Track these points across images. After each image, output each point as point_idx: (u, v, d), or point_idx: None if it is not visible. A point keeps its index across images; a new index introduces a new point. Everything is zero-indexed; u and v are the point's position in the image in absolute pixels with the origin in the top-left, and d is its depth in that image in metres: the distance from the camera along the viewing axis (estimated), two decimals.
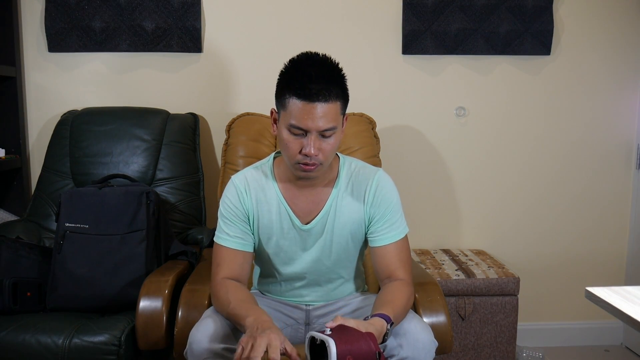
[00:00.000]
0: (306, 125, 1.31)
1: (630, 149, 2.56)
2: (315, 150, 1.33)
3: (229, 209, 1.48)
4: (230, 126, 2.11)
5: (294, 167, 1.39)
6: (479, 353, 2.17)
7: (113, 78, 2.38)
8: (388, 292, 1.40)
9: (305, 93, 1.30)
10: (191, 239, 2.11)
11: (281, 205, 1.48)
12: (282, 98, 1.35)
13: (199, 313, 1.50)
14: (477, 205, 2.55)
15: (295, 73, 1.34)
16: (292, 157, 1.37)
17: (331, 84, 1.33)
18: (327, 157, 1.37)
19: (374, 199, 1.48)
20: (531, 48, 2.43)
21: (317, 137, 1.33)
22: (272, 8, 2.38)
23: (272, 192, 1.49)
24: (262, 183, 1.50)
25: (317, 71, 1.32)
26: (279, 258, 1.52)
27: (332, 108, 1.33)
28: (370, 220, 1.49)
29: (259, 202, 1.48)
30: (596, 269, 2.60)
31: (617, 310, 1.16)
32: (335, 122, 1.34)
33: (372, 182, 1.49)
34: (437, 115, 2.49)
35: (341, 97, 1.36)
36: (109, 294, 1.75)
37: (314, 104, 1.30)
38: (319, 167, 1.37)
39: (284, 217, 1.48)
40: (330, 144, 1.36)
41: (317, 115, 1.31)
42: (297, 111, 1.31)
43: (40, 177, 2.19)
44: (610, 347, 2.61)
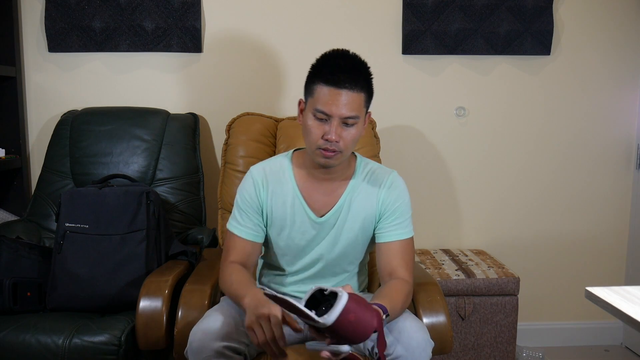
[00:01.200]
0: (330, 110, 1.39)
1: (630, 148, 2.56)
2: (336, 136, 1.39)
3: (244, 200, 1.54)
4: (230, 126, 2.11)
5: (314, 154, 1.45)
6: (479, 353, 2.18)
7: (113, 78, 2.38)
8: (387, 287, 1.43)
9: (334, 79, 1.38)
10: (191, 239, 2.11)
11: (297, 198, 1.53)
12: (310, 85, 1.44)
13: (199, 313, 1.50)
14: (477, 205, 2.55)
15: (325, 62, 1.43)
16: (314, 143, 1.42)
17: (358, 75, 1.41)
18: (347, 145, 1.43)
19: (387, 197, 1.53)
20: (531, 48, 2.43)
21: (340, 124, 1.40)
22: (272, 8, 2.38)
23: (288, 185, 1.54)
24: (280, 176, 1.55)
25: (346, 62, 1.41)
26: (289, 250, 1.56)
27: (356, 98, 1.40)
28: (380, 217, 1.53)
29: (274, 195, 1.53)
30: (596, 269, 2.61)
31: (617, 310, 1.16)
32: (358, 111, 1.41)
33: (386, 180, 1.55)
34: (437, 115, 2.49)
35: (366, 90, 1.43)
36: (109, 294, 1.75)
37: (340, 90, 1.38)
38: (338, 154, 1.43)
39: (299, 210, 1.53)
40: (351, 134, 1.42)
41: (341, 102, 1.38)
42: (324, 96, 1.39)
43: (40, 177, 2.19)
44: (610, 347, 2.61)
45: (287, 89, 2.42)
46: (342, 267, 1.60)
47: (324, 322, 1.10)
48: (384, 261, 1.51)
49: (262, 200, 1.53)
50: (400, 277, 1.47)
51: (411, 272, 1.51)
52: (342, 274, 1.61)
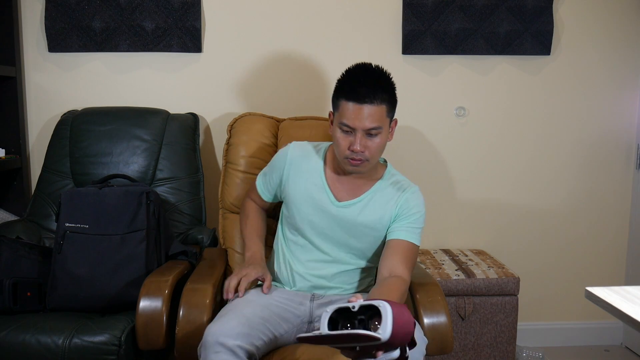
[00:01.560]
0: (354, 124, 1.51)
1: (630, 149, 2.56)
2: (361, 147, 1.51)
3: (274, 163, 1.76)
4: (231, 126, 2.11)
5: (343, 162, 1.58)
6: (479, 353, 2.17)
7: (113, 78, 2.38)
8: (384, 286, 1.47)
9: (354, 96, 1.50)
10: (191, 239, 2.10)
11: (322, 181, 1.66)
12: (336, 101, 1.57)
13: (200, 312, 1.50)
14: (477, 205, 2.55)
15: (347, 79, 1.56)
16: (342, 153, 1.56)
17: (378, 88, 1.51)
18: (373, 154, 1.55)
19: (405, 203, 1.62)
20: (531, 48, 2.43)
21: (364, 135, 1.52)
22: (272, 8, 2.38)
23: (317, 169, 1.68)
24: (313, 157, 1.70)
25: (366, 77, 1.53)
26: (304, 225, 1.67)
27: (377, 110, 1.51)
28: (395, 218, 1.62)
29: (302, 172, 1.68)
30: (596, 269, 2.61)
31: (617, 310, 1.16)
32: (380, 122, 1.52)
33: (409, 189, 1.65)
34: (437, 115, 2.49)
35: (387, 101, 1.53)
36: (109, 294, 1.75)
37: (362, 105, 1.49)
38: (365, 163, 1.56)
39: (322, 191, 1.65)
40: (376, 143, 1.54)
41: (363, 116, 1.50)
42: (347, 111, 1.51)
43: (40, 177, 2.19)
44: (610, 347, 2.61)
45: (287, 89, 2.42)
46: (351, 257, 1.66)
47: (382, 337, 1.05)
48: (386, 255, 1.56)
49: (284, 172, 1.70)
50: (399, 275, 1.50)
51: (410, 272, 1.55)
52: (349, 264, 1.66)
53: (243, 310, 1.46)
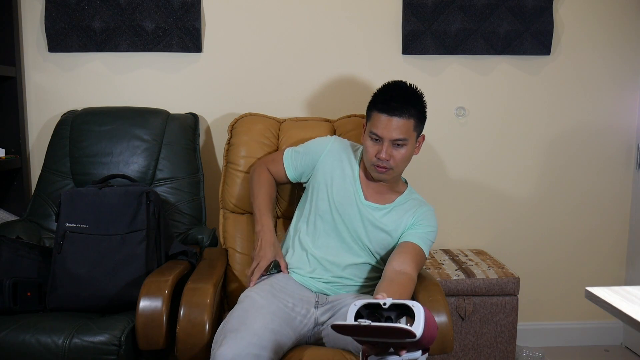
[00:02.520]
0: (382, 134, 1.64)
1: (630, 149, 2.56)
2: (387, 155, 1.64)
3: (310, 146, 1.84)
4: (232, 126, 2.11)
5: (370, 169, 1.70)
6: (479, 353, 2.17)
7: (113, 78, 2.38)
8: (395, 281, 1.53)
9: (386, 107, 1.64)
10: (191, 239, 2.10)
11: (355, 177, 1.76)
12: (369, 112, 1.71)
13: (201, 312, 1.50)
14: (477, 205, 2.55)
15: (381, 93, 1.70)
16: (369, 160, 1.68)
17: (408, 103, 1.64)
18: (398, 164, 1.67)
19: (421, 216, 1.73)
20: (531, 48, 2.43)
21: (390, 145, 1.64)
22: (272, 8, 2.38)
23: (353, 165, 1.78)
24: (351, 155, 1.80)
25: (398, 92, 1.66)
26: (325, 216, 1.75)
27: (405, 123, 1.64)
28: (408, 228, 1.72)
29: (335, 166, 1.77)
30: (596, 269, 2.61)
31: (617, 310, 1.16)
32: (407, 135, 1.64)
33: (425, 207, 1.77)
34: (437, 115, 2.48)
35: (415, 117, 1.66)
36: (109, 294, 1.75)
37: (391, 117, 1.63)
38: (390, 171, 1.68)
39: (353, 185, 1.75)
40: (401, 153, 1.66)
41: (392, 127, 1.63)
42: (378, 122, 1.65)
43: (40, 177, 2.19)
44: (610, 347, 2.61)
45: (287, 89, 2.42)
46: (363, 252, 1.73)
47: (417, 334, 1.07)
48: (397, 252, 1.65)
49: (318, 163, 1.79)
50: (408, 272, 1.57)
51: (417, 272, 1.63)
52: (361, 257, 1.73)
53: (253, 325, 1.46)
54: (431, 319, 1.13)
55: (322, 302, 1.66)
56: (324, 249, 1.74)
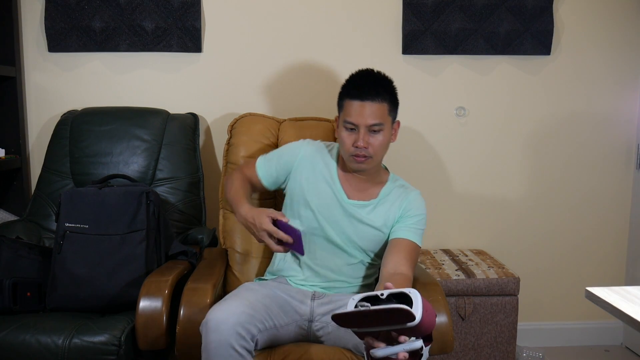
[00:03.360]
0: (356, 121, 1.59)
1: (630, 149, 2.56)
2: (364, 142, 1.58)
3: (282, 153, 1.78)
4: (232, 126, 2.11)
5: (348, 160, 1.65)
6: (479, 353, 2.17)
7: (113, 78, 2.38)
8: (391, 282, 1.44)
9: (357, 93, 1.60)
10: (191, 239, 2.10)
11: (334, 178, 1.71)
12: (340, 102, 1.66)
13: (201, 312, 1.50)
14: (477, 205, 2.55)
15: (351, 81, 1.67)
16: (347, 151, 1.63)
17: (379, 87, 1.61)
18: (376, 151, 1.62)
19: (409, 205, 1.69)
20: (531, 48, 2.43)
21: (367, 132, 1.59)
22: (272, 8, 2.38)
23: (330, 166, 1.73)
24: (326, 155, 1.75)
25: (368, 78, 1.64)
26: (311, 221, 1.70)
27: (379, 107, 1.60)
28: (399, 219, 1.68)
29: (315, 168, 1.72)
30: (596, 269, 2.60)
31: (617, 310, 1.16)
32: (382, 119, 1.60)
33: (412, 194, 1.72)
34: (437, 115, 2.49)
35: (388, 100, 1.62)
36: (109, 294, 1.75)
37: (364, 102, 1.59)
38: (369, 160, 1.62)
39: (333, 186, 1.70)
40: (379, 140, 1.61)
41: (366, 112, 1.59)
42: (351, 109, 1.60)
43: (40, 177, 2.19)
44: (610, 347, 2.61)
45: (287, 89, 2.42)
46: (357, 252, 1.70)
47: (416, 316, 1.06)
48: (390, 252, 1.61)
49: (294, 165, 1.73)
50: (403, 272, 1.54)
51: (413, 270, 1.60)
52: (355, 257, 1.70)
53: (246, 295, 1.52)
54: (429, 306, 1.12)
55: (319, 296, 1.67)
56: (315, 256, 1.70)
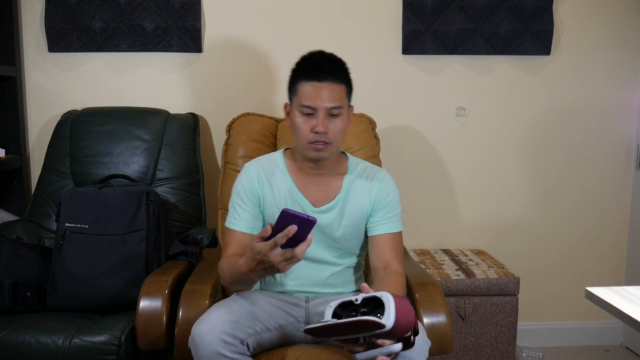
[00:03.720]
0: (315, 104, 1.47)
1: (630, 149, 2.56)
2: (324, 127, 1.47)
3: (240, 193, 1.59)
4: (230, 126, 2.11)
5: (306, 149, 1.52)
6: (479, 353, 2.17)
7: (113, 78, 2.38)
8: (386, 283, 1.47)
9: (314, 74, 1.48)
10: (191, 239, 2.11)
11: (292, 189, 1.58)
12: (294, 85, 1.53)
13: (200, 313, 1.50)
14: (477, 205, 2.55)
15: (305, 62, 1.54)
16: (304, 138, 1.50)
17: (337, 67, 1.52)
18: (335, 137, 1.50)
19: (379, 191, 1.60)
20: (531, 48, 2.43)
21: (326, 116, 1.48)
22: (272, 8, 2.38)
23: (284, 179, 1.59)
24: (275, 169, 1.61)
25: (324, 58, 1.53)
26: None
27: (338, 89, 1.49)
28: (373, 211, 1.59)
29: (272, 185, 1.58)
30: (596, 269, 2.60)
31: (617, 310, 1.16)
32: (341, 102, 1.50)
33: (378, 177, 1.62)
34: (437, 115, 2.49)
35: (345, 82, 1.53)
36: (109, 294, 1.75)
37: (322, 83, 1.47)
38: (328, 146, 1.50)
39: (294, 200, 1.57)
40: (338, 125, 1.50)
41: (324, 95, 1.47)
42: (307, 92, 1.48)
43: (40, 177, 2.19)
44: (610, 347, 2.61)
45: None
46: (339, 259, 1.61)
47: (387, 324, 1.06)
48: (377, 253, 1.56)
49: (259, 191, 1.58)
50: (395, 270, 1.51)
51: (403, 263, 1.57)
52: (337, 266, 1.62)
53: (228, 304, 1.46)
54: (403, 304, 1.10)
55: (313, 299, 1.61)
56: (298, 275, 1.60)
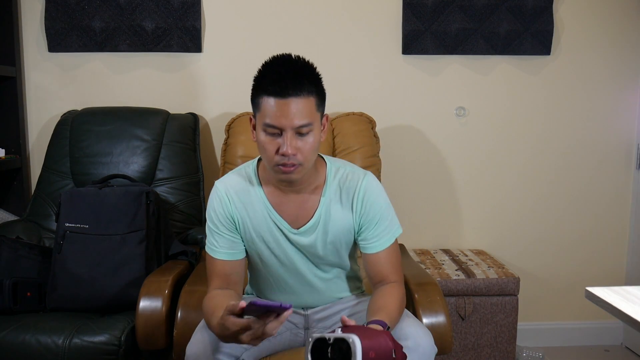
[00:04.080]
0: (280, 123, 1.27)
1: (630, 149, 2.56)
2: (292, 149, 1.28)
3: (214, 220, 1.43)
4: (229, 126, 2.11)
5: (274, 170, 1.34)
6: (479, 353, 2.17)
7: (113, 78, 2.38)
8: (380, 297, 1.40)
9: (276, 89, 1.27)
10: (191, 239, 2.11)
11: (267, 209, 1.43)
12: (256, 99, 1.33)
13: (199, 314, 1.50)
14: (477, 205, 2.55)
15: (266, 72, 1.32)
16: (270, 160, 1.32)
17: (302, 78, 1.29)
18: (307, 157, 1.32)
19: (362, 207, 1.43)
20: (531, 48, 2.43)
21: (294, 135, 1.29)
22: (272, 8, 2.38)
23: (257, 197, 1.43)
24: (247, 187, 1.44)
25: (288, 68, 1.30)
26: (271, 261, 1.47)
27: (306, 103, 1.29)
28: (360, 227, 1.45)
29: (246, 206, 1.43)
30: (596, 269, 2.60)
31: (617, 310, 1.16)
32: (310, 118, 1.30)
33: (359, 189, 1.43)
34: (437, 115, 2.49)
35: (315, 93, 1.32)
36: (109, 294, 1.75)
37: (287, 99, 1.27)
38: (299, 167, 1.32)
39: (272, 222, 1.43)
40: (309, 143, 1.31)
41: (290, 112, 1.27)
42: (270, 109, 1.28)
43: (40, 177, 2.19)
44: (610, 347, 2.61)
45: None
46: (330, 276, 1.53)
47: None
48: (373, 270, 1.46)
49: (233, 213, 1.42)
50: (392, 281, 1.44)
51: (400, 272, 1.47)
52: (331, 280, 1.53)
53: None
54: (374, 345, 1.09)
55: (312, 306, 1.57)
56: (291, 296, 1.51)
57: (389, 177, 2.32)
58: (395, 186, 2.40)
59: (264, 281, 1.54)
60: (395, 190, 2.33)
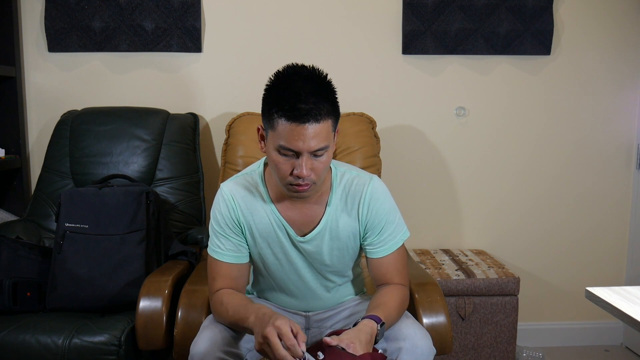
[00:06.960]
0: (297, 147, 1.25)
1: (630, 149, 2.56)
2: (307, 171, 1.27)
3: (220, 222, 1.43)
4: (230, 126, 2.11)
5: (286, 188, 1.33)
6: (479, 353, 2.17)
7: (113, 78, 2.38)
8: (381, 295, 1.41)
9: (295, 114, 1.23)
10: (191, 239, 2.11)
11: (274, 216, 1.43)
12: (269, 117, 1.29)
13: (199, 313, 1.50)
14: (478, 205, 2.55)
15: (282, 91, 1.27)
16: (283, 179, 1.31)
17: (321, 101, 1.25)
18: (320, 175, 1.32)
19: (368, 214, 1.43)
20: (531, 48, 2.43)
21: (309, 157, 1.27)
22: (272, 8, 2.38)
23: (263, 203, 1.43)
24: (253, 192, 1.44)
25: (306, 88, 1.25)
26: (275, 267, 1.47)
27: (323, 127, 1.26)
28: (366, 233, 1.45)
29: (252, 211, 1.43)
30: (596, 269, 2.60)
31: (617, 310, 1.16)
32: (327, 141, 1.28)
33: (365, 194, 1.43)
34: (437, 115, 2.49)
35: (332, 114, 1.29)
36: (109, 294, 1.75)
37: (305, 125, 1.24)
38: (312, 186, 1.32)
39: (278, 228, 1.43)
40: (323, 162, 1.30)
41: (308, 137, 1.24)
42: (287, 133, 1.25)
43: (40, 177, 2.19)
44: (610, 347, 2.61)
45: None
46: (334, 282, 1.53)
47: None
48: (378, 274, 1.47)
49: (239, 217, 1.42)
50: (397, 283, 1.45)
51: (406, 275, 1.48)
52: (334, 287, 1.54)
53: None
54: None
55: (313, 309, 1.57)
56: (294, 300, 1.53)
57: (389, 177, 2.32)
58: (396, 186, 2.40)
59: (266, 283, 1.54)
60: (396, 190, 2.31)
